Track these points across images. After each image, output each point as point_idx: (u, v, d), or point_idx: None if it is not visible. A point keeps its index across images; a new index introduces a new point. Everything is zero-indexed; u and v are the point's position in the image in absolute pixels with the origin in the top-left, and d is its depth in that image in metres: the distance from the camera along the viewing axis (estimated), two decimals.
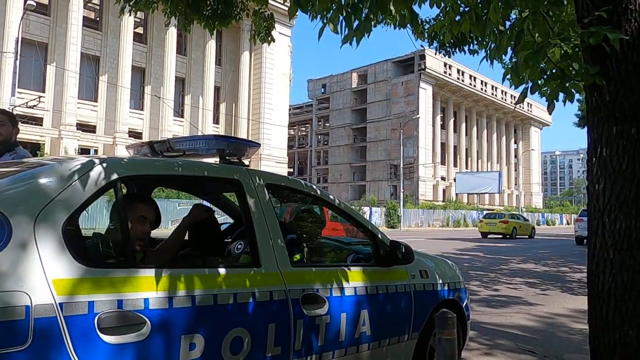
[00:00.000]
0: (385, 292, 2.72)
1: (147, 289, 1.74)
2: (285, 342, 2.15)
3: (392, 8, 2.07)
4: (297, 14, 1.87)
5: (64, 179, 1.71)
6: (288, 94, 43.24)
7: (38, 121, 29.77)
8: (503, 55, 3.07)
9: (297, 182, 2.72)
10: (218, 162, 2.41)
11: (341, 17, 2.14)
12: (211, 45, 36.76)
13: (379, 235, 2.85)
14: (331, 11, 2.14)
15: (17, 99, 21.58)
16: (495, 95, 66.32)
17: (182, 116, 37.05)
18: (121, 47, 32.58)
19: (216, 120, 39.18)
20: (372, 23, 2.19)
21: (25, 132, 27.86)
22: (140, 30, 35.80)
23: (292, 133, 68.73)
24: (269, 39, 6.48)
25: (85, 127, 31.80)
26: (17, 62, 20.73)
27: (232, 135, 38.94)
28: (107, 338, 1.59)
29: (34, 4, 20.19)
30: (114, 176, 1.83)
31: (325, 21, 2.28)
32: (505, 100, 66.30)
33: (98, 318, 1.59)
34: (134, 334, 1.66)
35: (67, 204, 1.67)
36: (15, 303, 1.44)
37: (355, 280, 2.56)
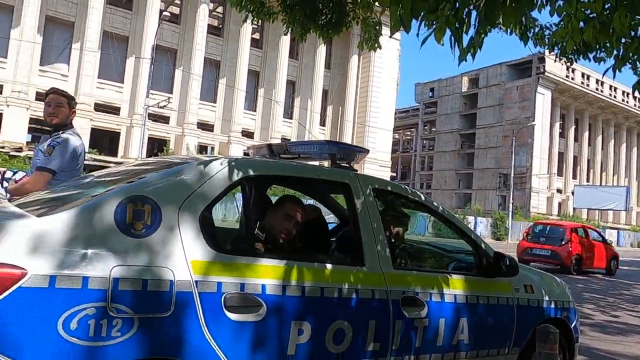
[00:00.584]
0: (486, 303, 2.71)
1: (264, 276, 1.97)
2: (384, 339, 2.27)
3: (501, 20, 2.07)
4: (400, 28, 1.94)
5: (203, 175, 2.01)
6: (394, 97, 43.02)
7: (166, 120, 32.98)
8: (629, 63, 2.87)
9: (403, 188, 2.82)
10: (329, 166, 2.60)
11: (449, 32, 2.13)
12: (321, 50, 37.84)
13: (482, 245, 2.84)
14: (436, 26, 2.10)
15: (150, 99, 24.16)
16: (627, 102, 59.70)
17: (291, 117, 38.67)
18: (239, 52, 34.88)
19: (323, 123, 40.25)
20: (482, 37, 2.18)
21: (154, 129, 31.08)
22: (257, 35, 37.99)
23: (397, 137, 68.07)
24: (376, 45, 6.62)
25: (205, 126, 34.52)
26: (152, 67, 23.21)
27: (338, 137, 39.75)
28: (230, 315, 1.84)
29: (169, 14, 22.48)
30: (242, 175, 2.10)
31: (430, 31, 2.25)
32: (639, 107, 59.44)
33: (224, 297, 1.85)
34: (252, 314, 1.90)
35: (204, 197, 1.96)
36: (163, 277, 1.74)
37: (455, 288, 2.60)
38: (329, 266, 2.21)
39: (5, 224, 1.63)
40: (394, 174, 60.74)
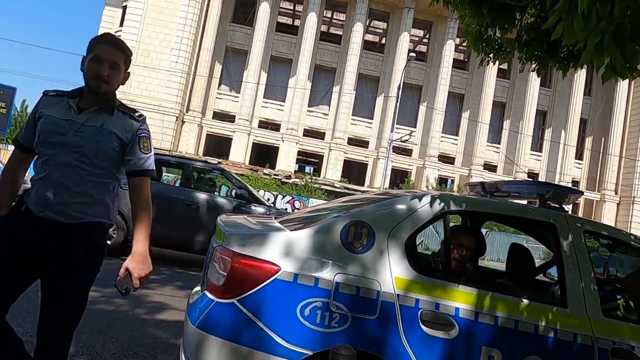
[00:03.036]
0: None
1: (458, 300, 2.22)
2: None
3: None
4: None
5: (410, 208, 2.41)
6: None
7: (408, 152, 34.72)
8: None
9: (624, 234, 2.64)
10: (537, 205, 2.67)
11: None
12: (580, 75, 34.09)
13: None
14: None
15: (394, 133, 25.97)
16: None
17: (539, 150, 35.74)
18: (484, 84, 34.31)
19: (579, 156, 35.90)
20: None
21: (398, 162, 33.03)
22: (504, 66, 36.74)
23: None
24: (635, 73, 5.90)
25: (445, 159, 34.91)
26: (397, 104, 24.99)
27: (599, 172, 34.76)
28: (425, 328, 2.16)
29: (414, 55, 24.04)
30: (445, 209, 2.41)
31: None
32: None
33: (421, 312, 2.18)
34: (445, 331, 2.17)
35: (410, 226, 2.35)
36: (372, 287, 2.19)
37: None
38: (525, 301, 2.30)
39: (271, 234, 2.34)
40: None
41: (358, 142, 34.46)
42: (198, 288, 2.62)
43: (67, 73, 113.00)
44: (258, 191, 23.85)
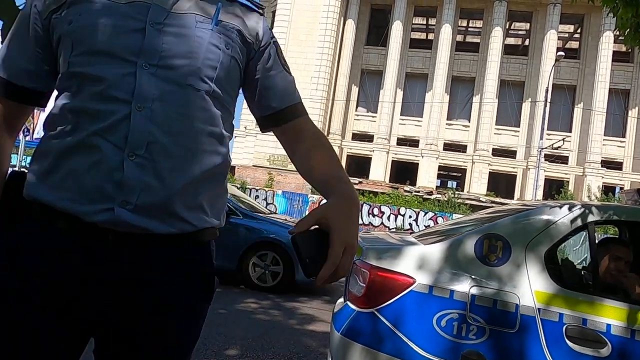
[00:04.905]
0: None
1: (610, 316, 2.09)
2: None
3: None
4: None
5: (548, 220, 2.33)
6: None
7: (564, 160, 31.56)
8: None
9: None
10: None
11: None
12: None
13: None
14: None
15: (545, 140, 23.93)
16: None
17: None
18: None
19: None
20: None
21: (551, 170, 30.23)
22: None
23: None
24: None
25: (610, 164, 30.94)
26: (546, 108, 23.06)
27: None
28: (571, 344, 2.07)
29: (563, 54, 22.03)
30: (586, 220, 2.29)
31: None
32: None
33: (565, 327, 2.10)
34: (594, 349, 2.06)
35: (548, 238, 2.28)
36: (510, 300, 2.18)
37: None
38: None
39: (406, 248, 2.47)
40: None
41: (504, 153, 32.44)
42: (342, 299, 2.85)
43: None
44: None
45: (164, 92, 0.90)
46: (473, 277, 2.27)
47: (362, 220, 25.08)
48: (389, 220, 22.23)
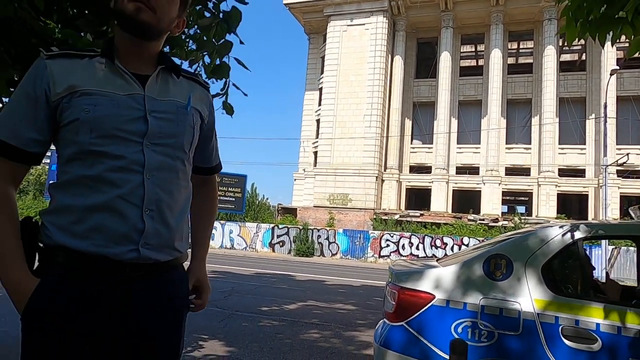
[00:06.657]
0: None
1: (598, 317, 2.48)
2: None
3: None
4: None
5: (543, 240, 2.78)
6: None
7: (639, 175, 29.85)
8: None
9: None
10: None
11: None
12: None
13: None
14: None
15: (609, 157, 22.92)
16: None
17: None
18: None
19: None
20: None
21: (627, 187, 28.64)
22: None
23: None
24: None
25: None
26: (606, 123, 22.26)
27: None
28: (566, 341, 2.48)
29: (618, 67, 21.45)
30: (575, 237, 2.71)
31: None
32: None
33: (561, 328, 2.52)
34: (587, 345, 2.45)
35: (543, 255, 2.72)
36: (513, 308, 2.63)
37: None
38: None
39: (426, 271, 2.98)
40: None
41: (572, 172, 31.18)
42: (382, 320, 3.37)
43: (283, 157, 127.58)
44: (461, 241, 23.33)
45: (161, 163, 1.27)
46: (482, 291, 2.74)
47: (425, 252, 24.95)
48: (452, 251, 21.97)
